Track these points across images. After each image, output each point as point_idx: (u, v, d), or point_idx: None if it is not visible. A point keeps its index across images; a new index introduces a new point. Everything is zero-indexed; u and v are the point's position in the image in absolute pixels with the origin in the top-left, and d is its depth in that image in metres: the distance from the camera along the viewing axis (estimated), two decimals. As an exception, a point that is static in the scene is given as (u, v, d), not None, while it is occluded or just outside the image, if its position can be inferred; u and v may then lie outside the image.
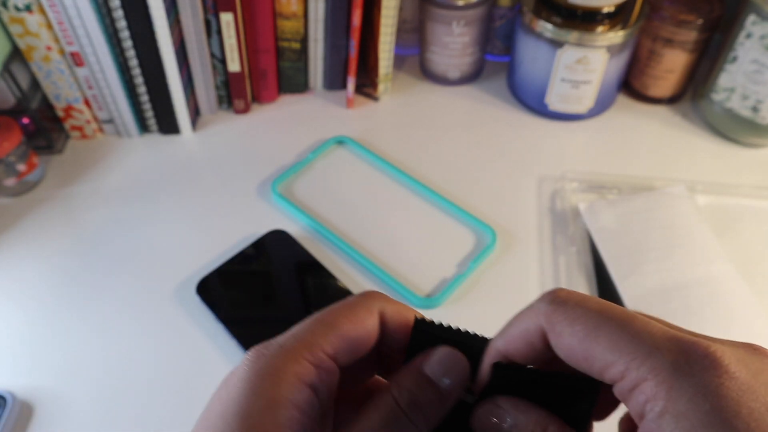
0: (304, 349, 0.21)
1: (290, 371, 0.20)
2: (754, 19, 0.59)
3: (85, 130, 0.67)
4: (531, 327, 0.20)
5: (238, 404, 0.19)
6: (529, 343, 0.20)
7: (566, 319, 0.19)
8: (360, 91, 0.73)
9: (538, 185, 0.62)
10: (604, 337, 0.18)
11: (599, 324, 0.18)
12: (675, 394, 0.16)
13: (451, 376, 0.22)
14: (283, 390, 0.20)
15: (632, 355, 0.17)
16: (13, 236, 0.58)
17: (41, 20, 0.57)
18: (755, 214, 0.59)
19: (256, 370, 0.20)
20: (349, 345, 0.22)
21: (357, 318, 0.22)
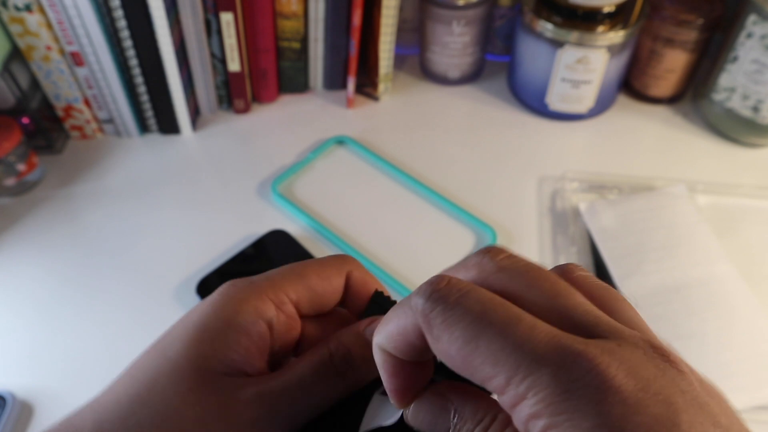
0: (270, 289, 0.23)
1: (251, 303, 0.22)
2: (755, 19, 0.59)
3: (85, 129, 0.67)
4: (409, 326, 0.18)
5: (200, 319, 0.22)
6: (409, 343, 0.18)
7: (444, 321, 0.17)
8: (360, 90, 0.73)
9: (539, 185, 0.62)
10: (483, 345, 0.16)
11: (479, 330, 0.16)
12: (554, 413, 0.15)
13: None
14: (240, 317, 0.22)
15: (511, 368, 0.16)
16: (13, 236, 0.58)
17: (41, 20, 0.57)
18: (756, 214, 0.59)
19: (224, 296, 0.23)
20: (312, 296, 0.24)
21: (325, 274, 0.24)
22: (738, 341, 0.48)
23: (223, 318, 0.22)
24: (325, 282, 0.24)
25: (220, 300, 0.23)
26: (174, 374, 0.21)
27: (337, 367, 0.22)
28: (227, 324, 0.22)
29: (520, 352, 0.16)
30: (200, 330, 0.22)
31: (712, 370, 0.46)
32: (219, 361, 0.21)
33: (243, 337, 0.22)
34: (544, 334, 0.16)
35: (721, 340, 0.48)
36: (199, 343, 0.21)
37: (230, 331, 0.22)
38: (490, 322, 0.16)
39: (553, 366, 0.15)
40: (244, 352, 0.22)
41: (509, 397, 0.16)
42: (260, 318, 0.22)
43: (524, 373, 0.15)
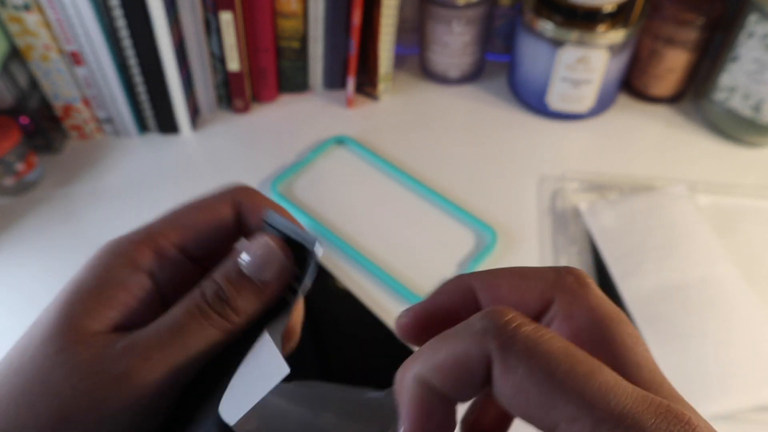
0: (147, 238, 0.21)
1: (126, 256, 0.21)
2: (756, 19, 0.59)
3: (84, 129, 0.67)
4: (473, 353, 0.15)
5: (74, 280, 0.21)
6: (469, 373, 0.16)
7: (523, 354, 0.15)
8: (360, 90, 0.73)
9: (539, 185, 0.62)
10: (568, 387, 0.14)
11: (563, 370, 0.15)
12: None
13: (267, 272, 0.20)
14: (114, 271, 0.20)
15: (601, 416, 0.14)
16: (12, 236, 0.58)
17: (40, 19, 0.57)
18: (756, 214, 0.59)
19: (99, 254, 0.21)
20: (198, 235, 0.22)
21: (209, 209, 0.22)
22: (738, 341, 0.48)
23: (96, 275, 0.20)
24: (209, 217, 0.22)
25: (95, 258, 0.21)
26: (44, 337, 0.19)
27: (212, 308, 0.20)
28: (101, 280, 0.20)
29: (613, 395, 0.14)
30: (73, 291, 0.20)
31: (712, 370, 0.46)
32: (92, 319, 0.20)
33: (120, 292, 0.20)
34: (630, 386, 0.15)
35: (721, 340, 0.48)
36: (70, 305, 0.20)
37: (105, 287, 0.20)
38: (578, 361, 0.15)
39: (647, 416, 0.14)
40: (122, 308, 0.20)
41: None
42: (137, 269, 0.21)
43: (615, 424, 0.14)
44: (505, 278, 0.18)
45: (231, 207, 0.22)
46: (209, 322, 0.20)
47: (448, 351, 0.16)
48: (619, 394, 0.14)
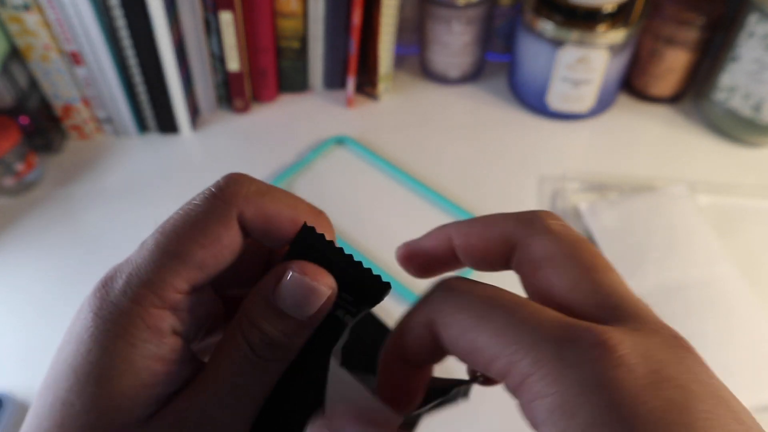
0: (154, 295, 0.18)
1: (141, 325, 0.17)
2: (756, 19, 0.59)
3: (83, 129, 0.67)
4: (421, 320, 0.18)
5: (91, 365, 0.17)
6: (420, 337, 0.18)
7: (452, 307, 0.17)
8: (360, 90, 0.73)
9: (539, 185, 0.62)
10: (488, 326, 0.16)
11: (485, 312, 0.16)
12: (563, 389, 0.14)
13: (308, 308, 0.19)
14: (138, 348, 0.17)
15: (515, 346, 0.15)
16: (11, 236, 0.58)
17: (39, 19, 0.56)
18: (756, 214, 0.59)
19: (104, 325, 0.18)
20: (206, 273, 0.19)
21: (210, 238, 0.18)
22: (738, 341, 0.48)
23: (119, 356, 0.17)
24: (214, 249, 0.18)
25: (103, 332, 0.18)
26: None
27: (263, 356, 0.19)
28: (128, 361, 0.17)
29: (523, 328, 0.15)
30: (98, 380, 0.17)
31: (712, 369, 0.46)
32: (138, 407, 0.18)
33: (155, 365, 0.18)
34: (550, 316, 0.16)
35: (721, 340, 0.48)
36: (100, 398, 0.17)
37: (135, 367, 0.17)
38: (497, 305, 0.16)
39: (558, 340, 0.15)
40: (165, 378, 0.18)
41: (514, 377, 0.15)
42: (160, 334, 0.18)
43: (527, 348, 0.15)
44: (475, 227, 0.20)
45: (237, 228, 0.19)
46: (264, 370, 0.19)
47: (405, 323, 0.18)
48: (531, 327, 0.15)
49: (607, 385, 0.14)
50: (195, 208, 0.19)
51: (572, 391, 0.14)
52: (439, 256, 0.21)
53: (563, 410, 0.14)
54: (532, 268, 0.18)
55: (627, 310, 0.16)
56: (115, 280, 0.18)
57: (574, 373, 0.14)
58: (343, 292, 0.20)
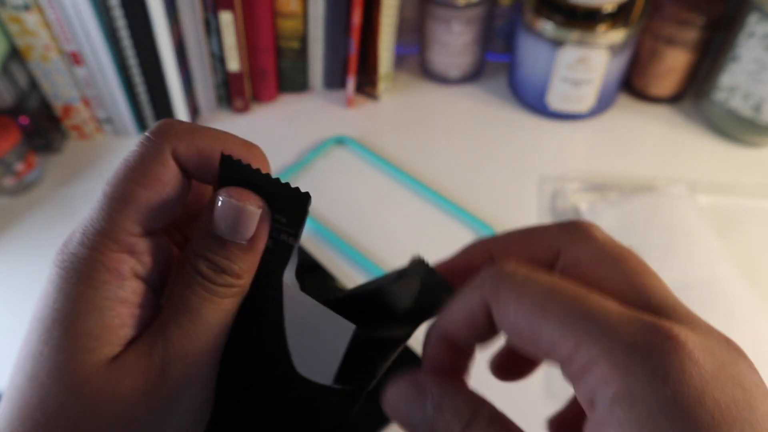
0: (109, 240, 0.18)
1: (101, 268, 0.18)
2: (756, 19, 0.59)
3: (83, 129, 0.67)
4: (474, 301, 0.18)
5: (58, 311, 0.18)
6: (472, 319, 0.18)
7: (513, 292, 0.17)
8: (360, 90, 0.73)
9: (539, 185, 0.62)
10: (552, 312, 0.16)
11: (549, 298, 0.16)
12: (630, 378, 0.14)
13: (246, 231, 0.19)
14: (100, 290, 0.18)
15: (584, 333, 0.15)
16: (11, 236, 0.58)
17: (39, 19, 0.56)
18: (756, 214, 0.59)
19: (66, 274, 0.18)
20: (154, 213, 0.19)
21: (150, 177, 0.19)
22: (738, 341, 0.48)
23: (84, 301, 0.18)
24: (157, 187, 0.19)
25: (67, 282, 0.18)
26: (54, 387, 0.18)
27: (215, 282, 0.19)
28: (93, 306, 0.18)
29: (592, 316, 0.15)
30: (67, 326, 0.18)
31: (713, 370, 0.46)
32: (108, 345, 0.18)
33: (120, 308, 0.18)
34: (616, 307, 0.16)
35: (722, 341, 0.48)
36: (70, 339, 0.18)
37: (102, 311, 0.18)
38: (561, 292, 0.16)
39: (630, 331, 0.15)
40: (132, 321, 0.19)
41: (578, 362, 0.15)
42: (122, 278, 0.19)
43: (596, 336, 0.15)
44: (516, 238, 0.20)
45: (173, 165, 0.19)
46: (219, 296, 0.19)
47: (457, 305, 0.19)
48: (599, 316, 0.15)
49: (677, 378, 0.14)
50: (132, 154, 0.20)
51: (641, 379, 0.14)
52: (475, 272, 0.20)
53: (630, 398, 0.14)
54: (580, 271, 0.18)
55: (681, 314, 0.17)
56: (73, 235, 0.19)
57: (644, 363, 0.14)
58: (276, 214, 0.20)
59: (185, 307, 0.19)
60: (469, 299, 0.18)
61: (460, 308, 0.19)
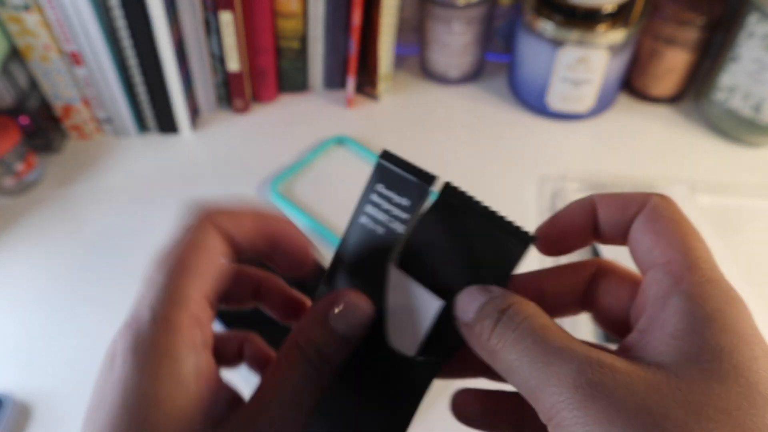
0: (180, 310, 0.18)
1: (178, 342, 0.18)
2: (756, 19, 0.59)
3: (83, 129, 0.67)
4: (639, 198, 0.21)
5: (144, 393, 0.17)
6: (580, 215, 0.21)
7: (668, 214, 0.20)
8: (360, 90, 0.73)
9: (539, 185, 0.62)
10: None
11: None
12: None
13: (356, 329, 0.21)
14: (183, 364, 0.18)
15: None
16: (11, 236, 0.58)
17: (39, 19, 0.56)
18: (757, 214, 0.59)
19: (144, 350, 0.18)
20: (214, 281, 0.20)
21: (199, 245, 0.20)
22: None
23: (167, 376, 0.18)
24: (212, 259, 0.20)
25: (144, 360, 0.18)
26: None
27: (319, 368, 0.21)
28: (176, 381, 0.18)
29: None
30: (150, 404, 0.17)
31: (713, 370, 0.46)
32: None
33: (201, 383, 0.19)
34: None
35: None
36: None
37: (181, 384, 0.18)
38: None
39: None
40: (209, 395, 0.19)
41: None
42: (199, 351, 0.19)
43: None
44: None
45: (220, 236, 0.21)
46: (319, 379, 0.20)
47: (568, 206, 0.22)
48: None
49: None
50: (180, 230, 0.21)
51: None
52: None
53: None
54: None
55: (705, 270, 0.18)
56: (139, 318, 0.19)
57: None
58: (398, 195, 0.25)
59: (288, 389, 0.20)
60: (579, 202, 0.21)
61: (571, 207, 0.22)
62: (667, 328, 0.16)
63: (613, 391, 0.15)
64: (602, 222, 0.21)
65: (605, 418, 0.15)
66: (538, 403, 0.17)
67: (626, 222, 0.20)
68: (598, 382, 0.15)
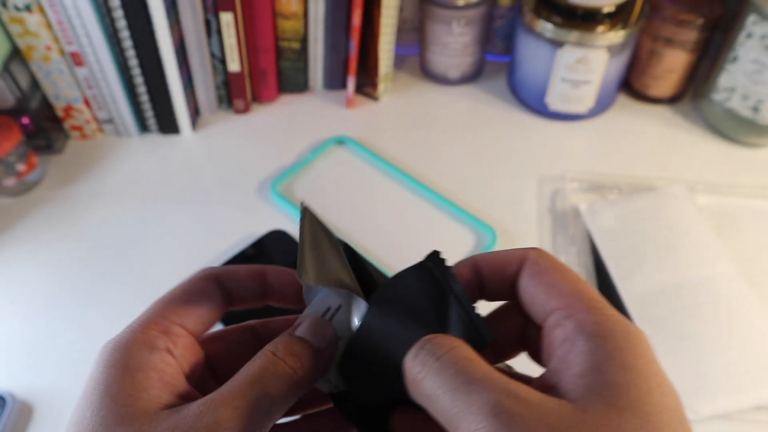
0: (151, 323, 0.22)
1: (138, 342, 0.22)
2: (755, 19, 0.59)
3: (84, 130, 0.67)
4: (516, 254, 0.22)
5: (97, 380, 0.21)
6: (503, 265, 0.22)
7: (549, 265, 0.21)
8: (360, 90, 0.73)
9: (539, 185, 0.62)
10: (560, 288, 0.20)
11: (569, 278, 0.21)
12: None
13: (323, 342, 0.23)
14: (134, 358, 0.21)
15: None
16: (12, 236, 0.58)
17: (41, 20, 0.57)
18: (755, 214, 0.59)
19: (109, 350, 0.22)
20: (193, 312, 0.24)
21: (193, 291, 0.24)
22: (738, 341, 0.48)
23: (119, 365, 0.21)
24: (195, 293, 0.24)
25: (108, 354, 0.22)
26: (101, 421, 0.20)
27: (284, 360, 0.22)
28: (127, 369, 0.21)
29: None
30: (104, 391, 0.20)
31: (711, 370, 0.46)
32: (144, 400, 0.20)
33: (149, 372, 0.21)
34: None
35: (720, 340, 0.48)
36: (113, 394, 0.20)
37: (134, 372, 0.21)
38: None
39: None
40: (160, 385, 0.21)
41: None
42: (154, 349, 0.22)
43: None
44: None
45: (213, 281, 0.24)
46: (283, 372, 0.22)
47: (500, 252, 0.23)
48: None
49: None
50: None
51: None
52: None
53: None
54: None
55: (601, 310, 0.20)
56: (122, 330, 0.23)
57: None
58: None
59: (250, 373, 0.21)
60: (513, 252, 0.22)
61: (502, 254, 0.22)
62: (574, 368, 0.18)
63: (528, 421, 0.17)
64: (487, 282, 0.23)
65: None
66: (457, 430, 0.18)
67: (509, 280, 0.22)
68: (514, 412, 0.17)
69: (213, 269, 0.25)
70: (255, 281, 0.25)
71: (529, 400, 0.17)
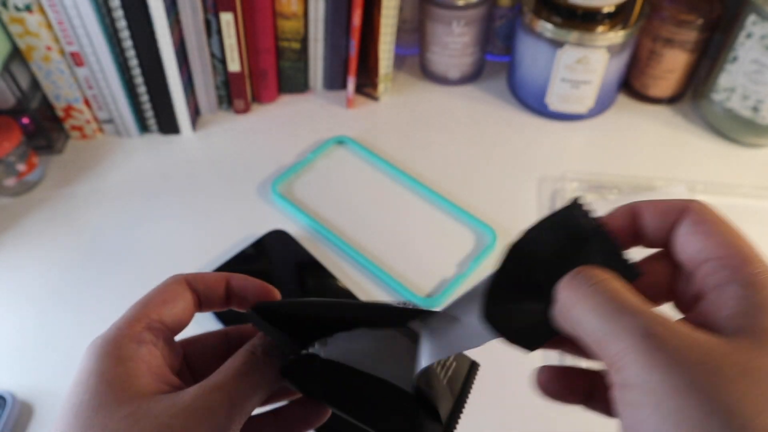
0: (134, 321, 0.24)
1: (126, 336, 0.24)
2: (755, 19, 0.59)
3: (85, 130, 0.67)
4: (679, 203, 0.22)
5: (90, 369, 0.23)
6: (667, 213, 0.22)
7: (711, 216, 0.21)
8: (360, 91, 0.73)
9: (539, 185, 0.62)
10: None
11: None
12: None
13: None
14: (123, 350, 0.23)
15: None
16: (12, 236, 0.58)
17: (41, 20, 0.57)
18: (756, 214, 0.59)
19: (99, 344, 0.24)
20: (170, 311, 0.26)
21: (168, 293, 0.26)
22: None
23: (112, 355, 0.23)
24: (172, 296, 0.26)
25: (98, 349, 0.23)
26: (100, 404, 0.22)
27: (264, 354, 0.25)
28: (119, 359, 0.23)
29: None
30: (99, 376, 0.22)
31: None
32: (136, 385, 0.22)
33: (138, 363, 0.23)
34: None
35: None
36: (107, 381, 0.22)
37: (125, 361, 0.23)
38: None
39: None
40: (149, 374, 0.23)
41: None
42: (140, 342, 0.24)
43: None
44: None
45: (186, 286, 0.27)
46: (264, 365, 0.24)
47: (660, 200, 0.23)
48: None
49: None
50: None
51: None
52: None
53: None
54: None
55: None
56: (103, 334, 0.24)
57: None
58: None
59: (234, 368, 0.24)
60: (675, 201, 0.22)
61: (665, 202, 0.23)
62: (725, 311, 0.19)
63: (676, 346, 0.17)
64: (646, 227, 0.23)
65: (665, 366, 0.17)
66: (605, 350, 0.19)
67: (668, 227, 0.22)
68: (665, 337, 0.18)
69: (184, 274, 0.27)
70: (221, 286, 0.27)
71: (678, 329, 0.18)
